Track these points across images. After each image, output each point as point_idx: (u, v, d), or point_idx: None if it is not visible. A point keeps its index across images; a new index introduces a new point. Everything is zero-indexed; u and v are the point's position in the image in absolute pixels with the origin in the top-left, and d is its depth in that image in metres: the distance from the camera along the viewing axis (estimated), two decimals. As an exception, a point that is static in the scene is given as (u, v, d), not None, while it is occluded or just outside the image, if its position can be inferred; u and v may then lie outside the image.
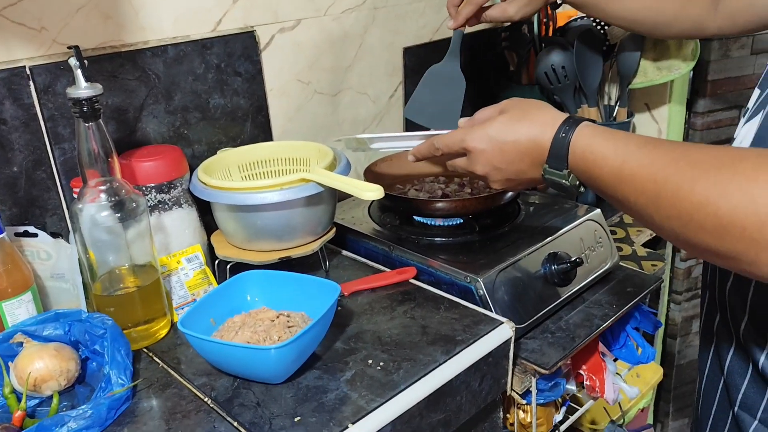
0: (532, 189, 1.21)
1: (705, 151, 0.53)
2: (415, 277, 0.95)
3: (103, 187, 0.77)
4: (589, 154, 0.63)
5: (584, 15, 1.39)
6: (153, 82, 0.97)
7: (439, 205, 1.01)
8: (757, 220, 0.46)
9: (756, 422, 0.66)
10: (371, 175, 1.12)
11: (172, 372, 0.77)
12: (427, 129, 1.05)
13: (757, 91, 0.65)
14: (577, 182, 0.66)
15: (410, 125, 1.31)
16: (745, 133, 0.64)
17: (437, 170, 1.16)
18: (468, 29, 1.04)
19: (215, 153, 1.02)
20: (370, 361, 0.76)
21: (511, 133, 0.70)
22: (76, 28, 0.89)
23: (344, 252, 1.05)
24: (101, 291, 0.80)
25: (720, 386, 0.72)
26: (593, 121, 0.66)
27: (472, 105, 1.39)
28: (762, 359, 0.64)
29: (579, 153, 0.64)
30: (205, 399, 0.72)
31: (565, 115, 0.68)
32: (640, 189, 0.56)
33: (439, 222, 1.05)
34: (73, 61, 0.73)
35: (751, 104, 0.66)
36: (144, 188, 0.89)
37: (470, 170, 0.76)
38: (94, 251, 0.79)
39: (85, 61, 0.73)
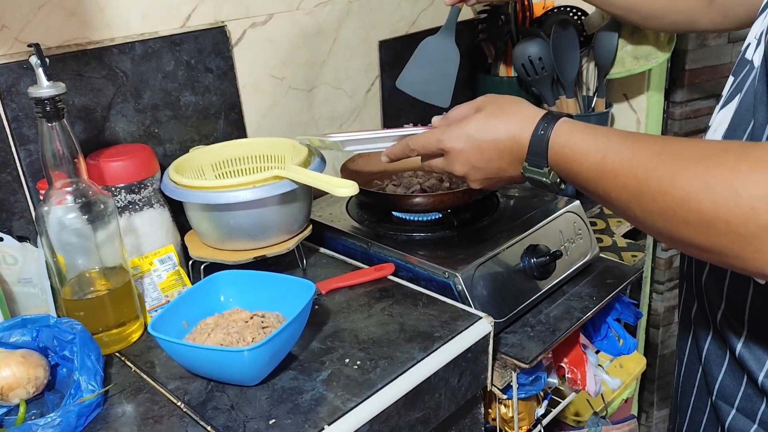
0: (511, 182, 1.20)
1: (686, 144, 0.52)
2: (393, 274, 0.94)
3: (69, 189, 0.75)
4: (569, 150, 0.62)
5: (561, 6, 1.38)
6: (121, 80, 0.94)
7: (417, 200, 1.00)
8: (740, 213, 0.45)
9: (734, 411, 0.66)
10: (348, 171, 1.10)
11: (145, 376, 0.75)
12: (420, 101, 1.04)
13: (731, 78, 0.65)
14: (558, 179, 0.66)
15: (388, 108, 1.31)
16: (720, 119, 0.64)
17: (415, 165, 1.15)
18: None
19: (187, 152, 1.00)
20: (347, 360, 0.75)
21: (490, 132, 0.68)
22: (39, 25, 0.86)
23: (322, 249, 1.04)
24: (70, 295, 0.79)
25: (698, 375, 0.72)
26: (571, 117, 0.65)
27: (451, 101, 1.39)
28: (739, 347, 0.64)
29: (558, 149, 0.63)
30: (178, 403, 0.70)
31: (543, 111, 0.67)
32: (621, 184, 0.55)
33: (417, 217, 1.04)
34: (34, 60, 0.71)
35: (725, 91, 0.65)
36: (113, 189, 0.87)
37: (448, 170, 0.74)
38: (63, 254, 0.77)
39: (47, 60, 0.71)
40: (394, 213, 1.06)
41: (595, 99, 1.34)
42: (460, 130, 0.71)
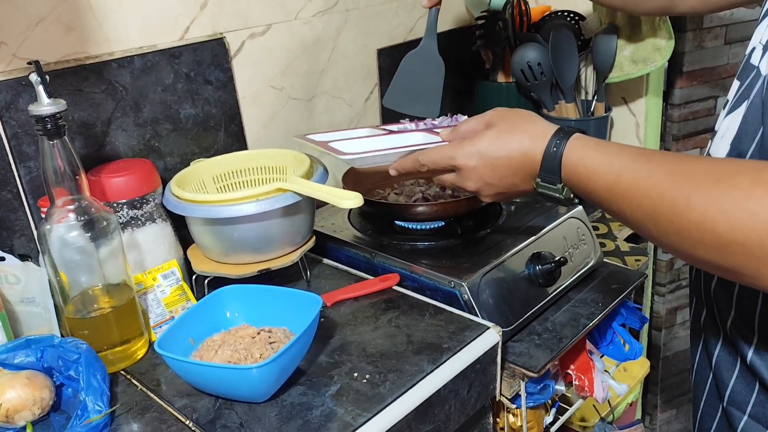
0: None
1: (699, 164, 0.52)
2: (398, 284, 0.93)
3: (71, 206, 0.74)
4: (582, 169, 0.62)
5: (558, 10, 1.38)
6: (120, 94, 0.94)
7: (420, 209, 1.00)
8: (756, 236, 0.46)
9: (746, 417, 0.66)
10: (350, 180, 1.10)
11: (152, 394, 0.74)
12: (408, 117, 1.03)
13: (736, 83, 0.64)
14: (572, 195, 0.66)
15: (387, 116, 1.30)
16: (727, 125, 0.63)
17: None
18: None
19: (188, 165, 0.99)
20: (355, 374, 0.74)
21: (503, 149, 0.68)
22: (37, 41, 0.86)
23: (325, 260, 1.03)
24: (74, 313, 0.78)
25: (709, 381, 0.72)
26: (584, 132, 0.65)
27: (448, 106, 1.39)
28: (750, 354, 0.63)
29: (571, 167, 0.63)
30: (187, 422, 0.69)
31: (555, 127, 0.66)
32: (636, 204, 0.55)
33: (420, 226, 1.04)
34: (33, 77, 0.71)
35: (731, 96, 0.65)
36: (115, 205, 0.86)
37: (460, 186, 0.74)
38: (66, 272, 0.76)
39: (47, 77, 0.71)
40: (396, 222, 1.06)
41: (594, 103, 1.34)
42: (473, 147, 0.70)
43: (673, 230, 0.52)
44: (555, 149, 0.64)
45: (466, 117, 0.94)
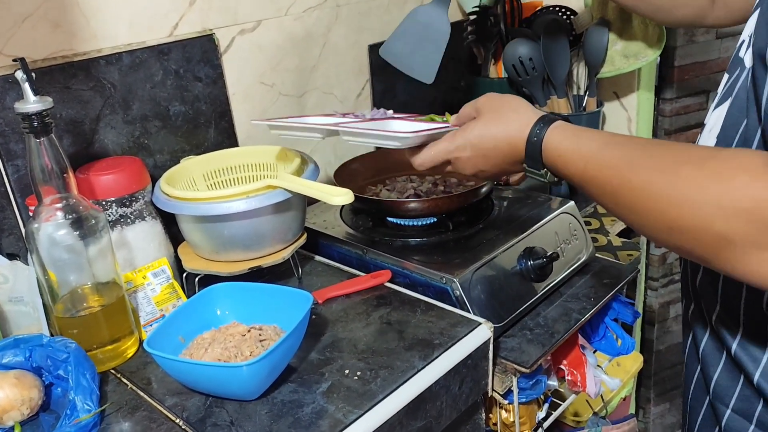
0: (506, 184, 1.20)
1: (655, 154, 0.55)
2: (390, 280, 0.93)
3: (59, 205, 0.74)
4: (558, 157, 0.66)
5: (550, 5, 1.38)
6: (109, 91, 0.93)
7: (412, 205, 0.99)
8: (700, 221, 0.48)
9: (729, 411, 0.66)
10: (342, 176, 1.09)
11: (142, 393, 0.74)
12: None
13: (726, 76, 0.64)
14: (555, 178, 0.70)
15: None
16: (715, 119, 0.63)
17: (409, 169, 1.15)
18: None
19: (178, 162, 0.99)
20: (346, 371, 0.74)
21: (491, 140, 0.73)
22: (24, 38, 0.85)
23: (317, 257, 1.03)
24: (63, 312, 0.77)
25: (696, 374, 0.72)
26: (566, 119, 0.69)
27: (439, 101, 1.38)
28: (734, 346, 0.64)
29: (551, 154, 0.67)
30: (177, 420, 0.69)
31: (538, 115, 0.70)
32: (601, 190, 0.60)
33: (412, 222, 1.04)
34: (19, 75, 0.70)
35: (720, 89, 0.65)
36: (104, 203, 0.86)
37: (458, 172, 0.80)
38: (54, 271, 0.75)
39: (33, 74, 0.70)
40: (388, 218, 1.05)
41: (586, 98, 1.33)
42: (464, 140, 0.75)
43: (635, 215, 0.55)
44: (536, 138, 0.68)
45: (391, 111, 1.00)
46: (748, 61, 0.59)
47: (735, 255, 0.48)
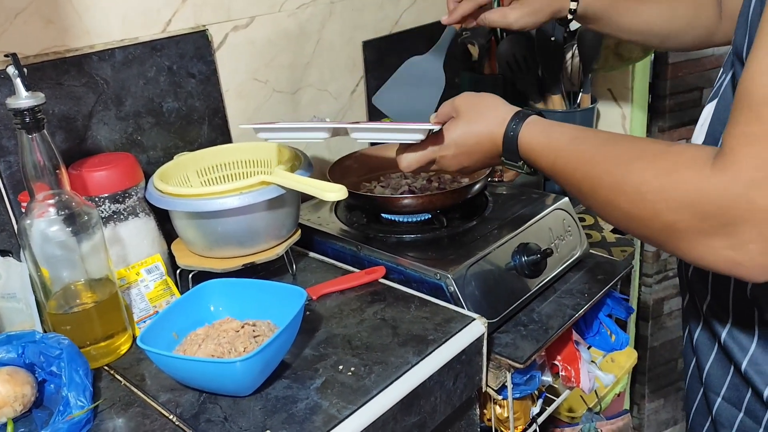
0: (499, 181, 1.20)
1: (613, 149, 0.59)
2: (384, 277, 0.93)
3: (51, 201, 0.74)
4: (531, 150, 0.71)
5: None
6: (101, 87, 0.93)
7: (406, 201, 0.99)
8: (647, 213, 0.52)
9: (720, 399, 0.67)
10: (336, 173, 1.09)
11: (135, 389, 0.74)
12: (395, 70, 0.98)
13: (721, 71, 0.65)
14: (531, 169, 0.75)
15: (374, 109, 1.28)
16: (706, 114, 0.64)
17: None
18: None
19: (172, 159, 0.99)
20: (340, 367, 0.74)
21: (473, 138, 0.78)
22: (16, 34, 0.84)
23: (311, 254, 1.03)
24: (56, 309, 0.77)
25: (692, 365, 0.73)
26: (540, 113, 0.74)
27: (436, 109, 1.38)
28: (724, 335, 0.65)
29: (525, 147, 0.72)
30: (170, 416, 0.69)
31: (513, 111, 0.75)
32: (568, 182, 0.65)
33: (406, 218, 1.04)
34: (11, 70, 0.70)
35: (715, 84, 0.66)
36: (97, 199, 0.85)
37: (443, 170, 0.85)
38: (47, 267, 0.75)
39: (25, 70, 0.70)
40: (383, 215, 1.05)
41: (580, 95, 1.34)
42: (449, 139, 0.79)
43: (596, 204, 0.60)
44: (512, 133, 0.73)
45: (328, 119, 1.06)
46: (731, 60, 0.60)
47: (683, 242, 0.51)
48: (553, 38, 1.25)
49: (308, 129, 0.85)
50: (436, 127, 0.79)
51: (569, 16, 0.94)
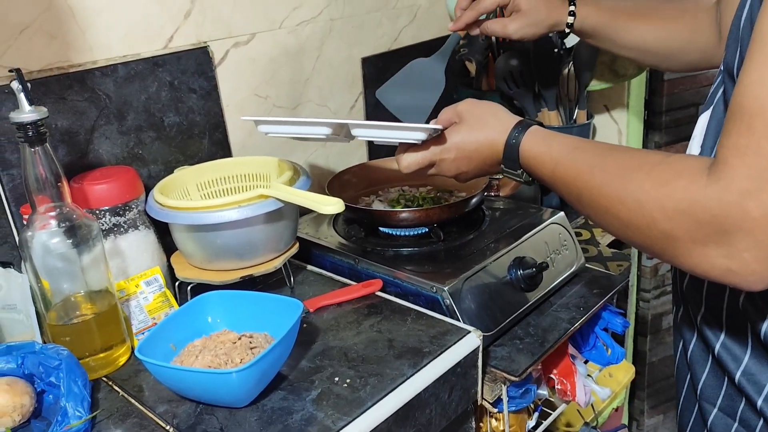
0: (496, 195, 1.21)
1: (612, 160, 0.60)
2: (381, 290, 0.94)
3: (53, 213, 0.75)
4: (532, 159, 0.72)
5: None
6: (104, 102, 0.94)
7: (403, 215, 1.00)
8: (644, 222, 0.53)
9: (715, 410, 0.68)
10: (335, 187, 1.10)
11: (133, 400, 0.74)
12: (392, 115, 1.00)
13: (715, 83, 0.66)
14: (530, 178, 0.75)
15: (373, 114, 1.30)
16: (701, 125, 0.65)
17: (401, 179, 1.16)
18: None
19: (172, 172, 1.00)
20: (336, 379, 0.75)
21: (473, 143, 0.78)
22: (20, 49, 0.86)
23: (309, 267, 1.04)
24: (56, 320, 0.78)
25: (687, 377, 0.74)
26: (541, 124, 0.75)
27: (435, 114, 1.40)
28: (717, 346, 0.65)
29: (526, 156, 0.73)
30: (167, 427, 0.69)
31: (516, 120, 0.75)
32: (567, 191, 0.66)
33: (404, 232, 1.05)
34: (15, 85, 0.71)
35: (709, 94, 0.67)
36: (98, 212, 0.87)
37: (440, 174, 0.84)
38: (48, 279, 0.76)
39: (29, 84, 0.71)
40: (380, 228, 1.06)
41: (576, 111, 1.35)
42: (450, 143, 0.79)
43: (594, 213, 0.61)
44: (513, 141, 0.74)
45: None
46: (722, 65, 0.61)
47: (679, 250, 0.52)
48: (556, 50, 1.27)
49: (310, 123, 0.85)
50: (440, 128, 0.80)
51: (567, 30, 0.97)
